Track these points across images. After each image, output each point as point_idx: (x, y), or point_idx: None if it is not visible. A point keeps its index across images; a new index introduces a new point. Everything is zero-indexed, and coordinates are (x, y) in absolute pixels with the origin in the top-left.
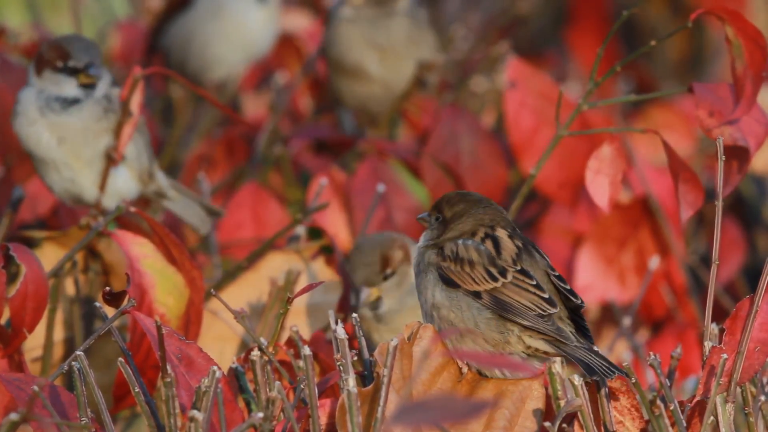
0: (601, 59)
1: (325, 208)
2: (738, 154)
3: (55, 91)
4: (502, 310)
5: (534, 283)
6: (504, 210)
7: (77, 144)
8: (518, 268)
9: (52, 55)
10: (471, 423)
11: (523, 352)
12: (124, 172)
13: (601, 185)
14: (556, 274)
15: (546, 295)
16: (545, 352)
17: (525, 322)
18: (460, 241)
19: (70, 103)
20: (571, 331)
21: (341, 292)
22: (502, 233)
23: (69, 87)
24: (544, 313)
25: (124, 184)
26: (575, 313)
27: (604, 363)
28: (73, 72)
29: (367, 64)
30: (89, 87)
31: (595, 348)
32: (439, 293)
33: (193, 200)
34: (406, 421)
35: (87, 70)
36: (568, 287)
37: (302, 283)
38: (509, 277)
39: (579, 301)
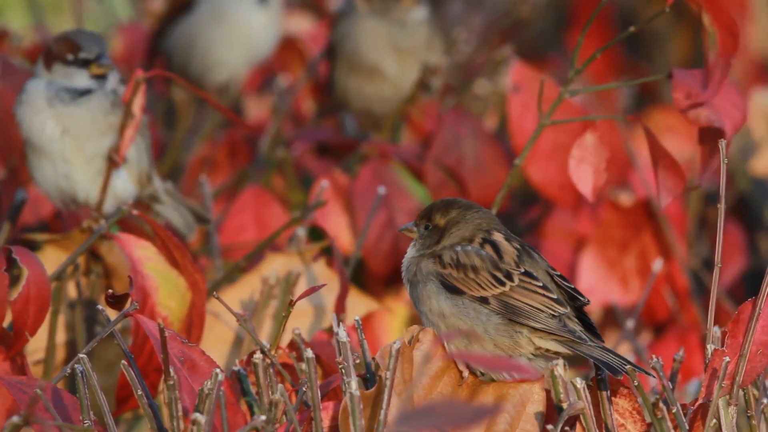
0: (602, 61)
1: (323, 206)
2: (714, 136)
3: (66, 82)
4: (511, 314)
5: (540, 284)
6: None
7: (81, 137)
8: (522, 270)
9: (62, 49)
10: (472, 427)
11: (532, 354)
12: (123, 175)
13: (584, 173)
14: (558, 273)
15: (554, 296)
16: (556, 352)
17: (537, 325)
18: (458, 248)
19: (81, 93)
20: (581, 330)
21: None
22: (498, 237)
23: (80, 78)
24: (555, 314)
25: (122, 186)
26: (580, 311)
27: (621, 360)
28: (84, 63)
29: (386, 64)
30: (101, 78)
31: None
32: (444, 301)
33: (183, 206)
34: (410, 427)
35: (98, 60)
36: (571, 286)
37: (303, 284)
38: (516, 280)
39: (584, 300)
